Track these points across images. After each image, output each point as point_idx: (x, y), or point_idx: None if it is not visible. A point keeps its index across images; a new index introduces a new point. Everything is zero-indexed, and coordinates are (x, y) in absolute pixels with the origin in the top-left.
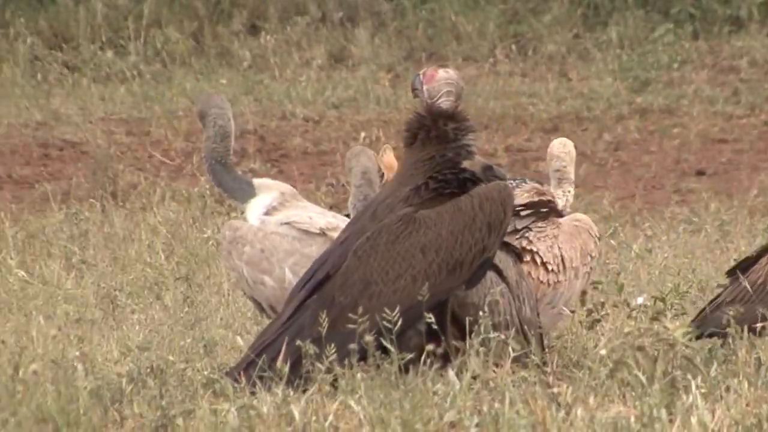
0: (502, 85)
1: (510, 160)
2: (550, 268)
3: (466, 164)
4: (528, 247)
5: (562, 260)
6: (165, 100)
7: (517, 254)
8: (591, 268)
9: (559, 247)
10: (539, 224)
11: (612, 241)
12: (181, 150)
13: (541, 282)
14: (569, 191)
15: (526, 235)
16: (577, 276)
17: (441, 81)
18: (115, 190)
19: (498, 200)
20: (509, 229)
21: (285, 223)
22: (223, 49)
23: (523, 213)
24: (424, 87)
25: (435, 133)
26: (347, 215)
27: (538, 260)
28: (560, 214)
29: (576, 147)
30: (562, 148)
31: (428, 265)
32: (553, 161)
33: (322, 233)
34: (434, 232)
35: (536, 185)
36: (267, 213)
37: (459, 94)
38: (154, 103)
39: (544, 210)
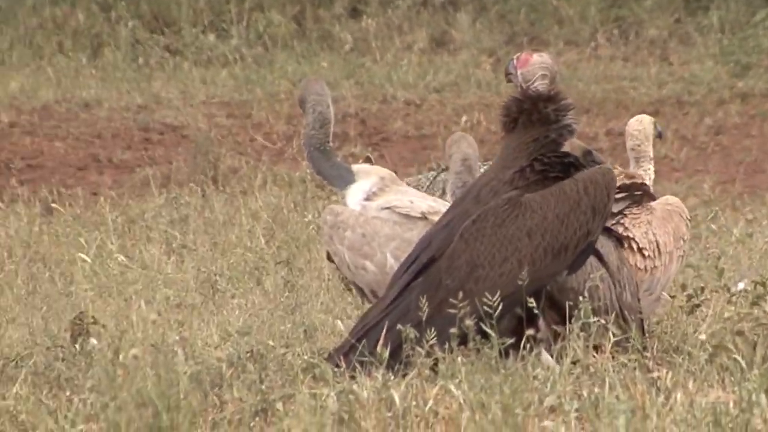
0: (603, 69)
1: (611, 144)
2: (646, 254)
3: (567, 146)
4: (624, 234)
5: (657, 245)
6: (266, 83)
7: (618, 239)
8: (684, 251)
9: (653, 233)
10: (634, 210)
11: (713, 226)
12: (282, 133)
13: (639, 268)
14: (649, 169)
15: (622, 221)
16: (671, 260)
17: (535, 65)
18: (216, 174)
19: (602, 184)
20: None
21: (386, 208)
22: (324, 33)
23: (617, 197)
24: (519, 71)
25: (537, 116)
26: None
27: (635, 246)
28: (653, 197)
29: (677, 131)
30: (637, 125)
31: (534, 249)
32: (629, 140)
33: (424, 217)
34: (540, 216)
35: (620, 168)
36: (367, 198)
37: (553, 78)
38: (255, 87)
39: (638, 193)
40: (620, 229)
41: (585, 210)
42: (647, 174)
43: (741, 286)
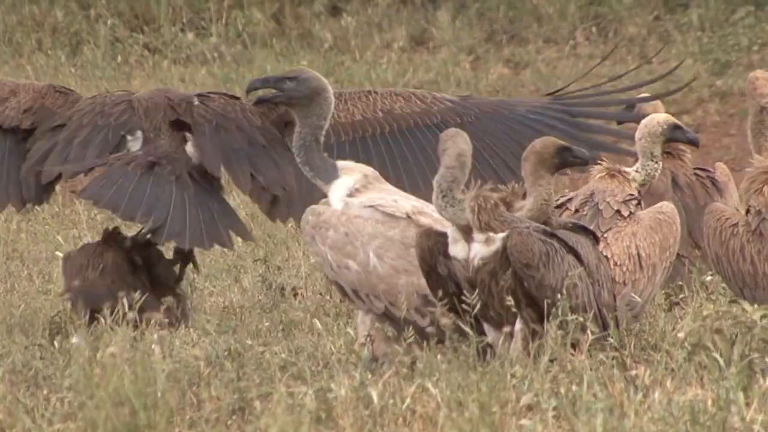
0: (582, 67)
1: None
2: (624, 269)
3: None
4: (604, 253)
5: (639, 259)
6: (246, 81)
7: (595, 237)
8: (670, 262)
9: (636, 245)
10: (620, 223)
11: None
12: None
13: (617, 282)
14: (647, 165)
15: (605, 235)
16: (655, 272)
17: None
18: None
19: None
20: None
21: (369, 206)
22: (304, 31)
23: (606, 215)
24: None
25: None
26: None
27: (612, 263)
28: (641, 204)
29: None
30: (647, 120)
31: None
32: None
33: (407, 217)
34: None
35: (605, 164)
36: (350, 195)
37: None
38: (234, 85)
39: (626, 214)
40: (602, 245)
41: None
42: (645, 170)
43: (708, 278)
